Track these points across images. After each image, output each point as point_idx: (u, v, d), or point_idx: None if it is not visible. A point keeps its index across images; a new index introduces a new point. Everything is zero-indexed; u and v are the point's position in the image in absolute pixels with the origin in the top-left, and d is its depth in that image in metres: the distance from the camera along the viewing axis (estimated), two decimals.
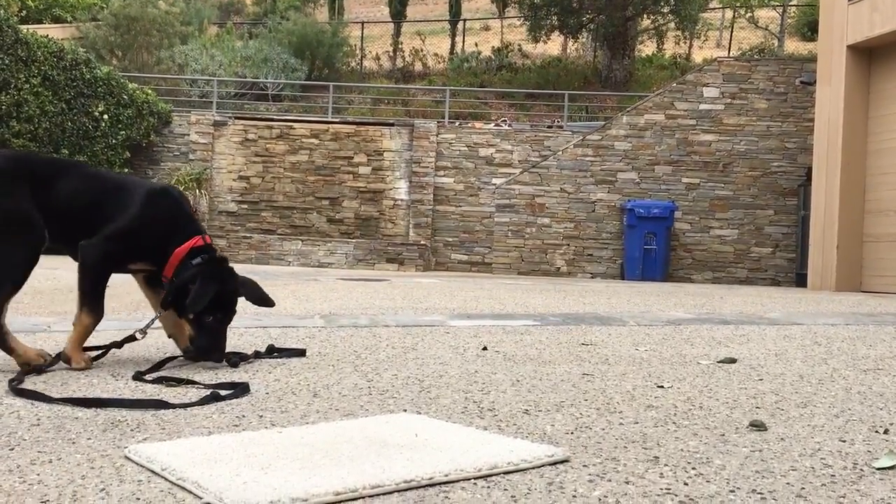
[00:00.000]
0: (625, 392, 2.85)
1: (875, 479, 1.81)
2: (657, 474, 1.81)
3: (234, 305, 3.29)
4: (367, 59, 28.34)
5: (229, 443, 1.93)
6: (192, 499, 1.55)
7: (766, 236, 15.54)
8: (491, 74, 25.66)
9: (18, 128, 13.42)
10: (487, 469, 1.77)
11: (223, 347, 3.23)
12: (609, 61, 24.19)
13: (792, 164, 15.42)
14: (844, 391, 2.98)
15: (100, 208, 3.19)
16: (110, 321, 4.60)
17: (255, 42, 24.84)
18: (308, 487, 1.57)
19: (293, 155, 17.96)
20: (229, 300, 3.25)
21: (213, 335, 3.18)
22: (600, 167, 15.77)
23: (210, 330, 3.16)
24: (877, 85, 12.22)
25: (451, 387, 2.87)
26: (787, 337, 4.84)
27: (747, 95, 15.51)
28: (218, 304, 3.16)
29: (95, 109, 15.79)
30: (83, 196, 3.20)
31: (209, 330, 3.16)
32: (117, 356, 3.38)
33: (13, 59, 13.45)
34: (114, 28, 22.98)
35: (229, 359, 3.24)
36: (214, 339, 3.19)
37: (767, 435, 2.23)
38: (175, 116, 18.15)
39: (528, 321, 5.36)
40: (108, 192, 3.26)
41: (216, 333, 3.19)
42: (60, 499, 1.54)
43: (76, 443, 1.97)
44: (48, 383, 2.77)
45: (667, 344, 4.34)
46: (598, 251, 15.74)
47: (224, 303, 3.21)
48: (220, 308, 3.18)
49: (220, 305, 3.17)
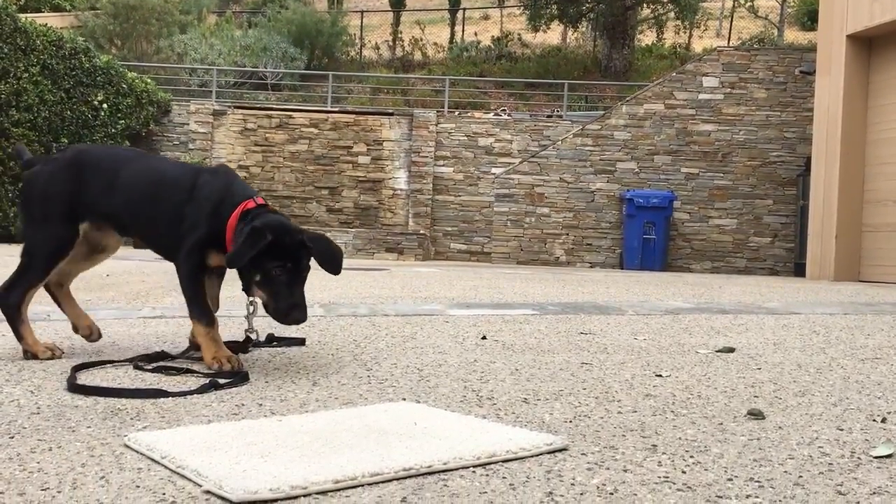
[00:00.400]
0: (623, 381, 2.86)
1: (872, 468, 1.82)
2: (655, 462, 1.82)
3: (303, 256, 2.83)
4: (367, 49, 28.28)
5: (229, 431, 1.93)
6: (191, 486, 1.55)
7: (764, 226, 15.54)
8: (490, 64, 25.62)
9: (18, 117, 13.40)
10: (486, 457, 1.78)
11: (302, 303, 2.81)
12: (609, 51, 24.15)
13: (791, 154, 15.41)
14: (842, 380, 2.99)
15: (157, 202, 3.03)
16: (109, 310, 4.61)
17: (255, 31, 24.78)
18: (307, 475, 1.58)
19: (292, 144, 17.94)
20: (293, 248, 2.80)
21: (285, 291, 2.78)
22: (599, 157, 15.76)
23: (280, 286, 2.77)
24: (876, 75, 12.21)
25: (450, 376, 2.88)
26: (786, 326, 4.85)
27: (747, 85, 15.49)
28: (278, 254, 2.75)
29: (95, 99, 15.77)
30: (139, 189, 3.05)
31: (279, 287, 2.77)
32: (118, 346, 3.39)
33: (12, 48, 13.43)
34: (113, 17, 22.93)
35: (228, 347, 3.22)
36: (289, 296, 2.78)
37: (765, 424, 2.24)
38: (174, 106, 18.13)
39: (527, 310, 5.37)
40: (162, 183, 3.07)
41: (289, 288, 2.78)
42: (60, 486, 1.54)
43: (76, 431, 1.97)
44: (47, 372, 2.77)
45: (665, 333, 4.35)
46: (597, 241, 15.74)
47: (286, 251, 2.78)
48: (282, 258, 2.76)
49: (281, 255, 2.76)
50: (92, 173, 3.09)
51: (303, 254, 2.84)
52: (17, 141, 13.36)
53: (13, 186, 13.52)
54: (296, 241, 2.81)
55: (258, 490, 1.49)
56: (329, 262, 2.92)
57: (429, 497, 1.53)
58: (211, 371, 2.82)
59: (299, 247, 2.82)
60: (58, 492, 1.51)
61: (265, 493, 1.48)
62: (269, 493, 1.48)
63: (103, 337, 3.38)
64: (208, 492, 1.52)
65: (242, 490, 1.48)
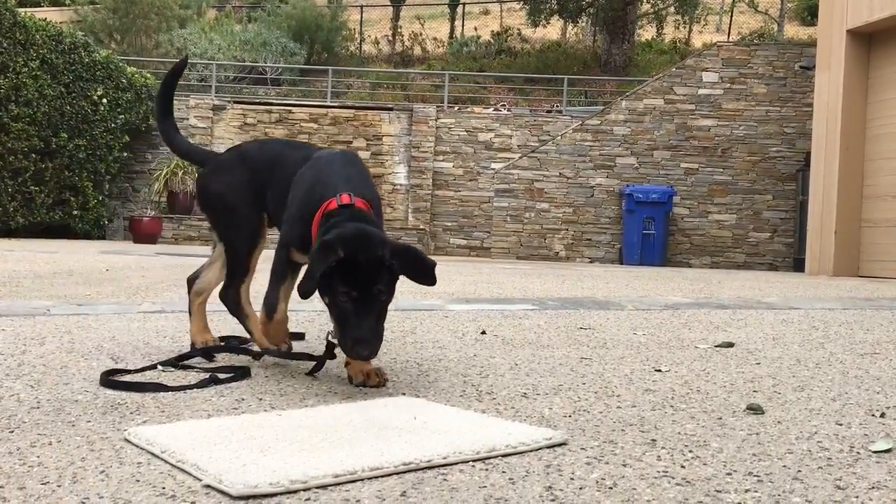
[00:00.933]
0: (623, 376, 2.86)
1: (871, 463, 1.82)
2: (654, 457, 1.82)
3: (379, 279, 2.40)
4: (366, 44, 28.27)
5: (229, 425, 1.94)
6: (191, 481, 1.56)
7: (764, 221, 15.55)
8: (490, 59, 25.61)
9: (17, 111, 13.39)
10: (486, 452, 1.78)
11: (370, 336, 2.35)
12: (608, 46, 24.14)
13: (790, 150, 15.41)
14: (841, 375, 2.99)
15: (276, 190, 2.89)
16: (109, 304, 4.61)
17: (254, 26, 24.79)
18: (307, 469, 1.58)
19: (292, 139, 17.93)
20: (368, 269, 2.37)
21: (352, 322, 2.35)
22: (599, 152, 15.76)
23: (347, 315, 2.36)
24: (876, 70, 12.20)
25: (449, 370, 2.88)
26: (785, 321, 4.85)
27: (746, 80, 15.49)
28: (348, 277, 2.36)
29: (94, 93, 15.76)
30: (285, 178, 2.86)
31: (346, 316, 2.36)
32: (117, 340, 3.39)
33: (11, 42, 13.41)
34: (112, 11, 22.92)
35: (229, 342, 3.22)
36: (355, 328, 2.34)
37: (764, 418, 2.24)
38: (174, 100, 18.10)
39: (527, 305, 5.37)
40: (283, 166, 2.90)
41: (357, 318, 2.35)
42: (60, 480, 1.54)
43: (76, 425, 1.97)
44: (48, 367, 2.77)
45: (665, 328, 4.35)
46: (596, 236, 15.75)
47: (358, 273, 2.36)
48: (351, 282, 2.35)
49: (351, 278, 2.36)
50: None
51: (380, 276, 2.39)
52: (16, 136, 13.34)
53: (13, 181, 13.51)
54: (373, 258, 2.38)
55: (258, 484, 1.49)
56: (419, 273, 2.50)
57: (428, 491, 1.53)
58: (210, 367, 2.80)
59: (376, 266, 2.39)
60: (58, 486, 1.51)
61: (265, 488, 1.48)
62: (268, 488, 1.49)
63: (103, 332, 3.38)
64: (208, 486, 1.52)
65: (242, 484, 1.49)
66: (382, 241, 2.43)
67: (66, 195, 15.18)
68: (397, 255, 2.42)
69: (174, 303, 4.82)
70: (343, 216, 2.50)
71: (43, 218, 14.58)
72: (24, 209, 13.98)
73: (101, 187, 16.15)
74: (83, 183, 15.47)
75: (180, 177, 16.69)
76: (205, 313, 3.14)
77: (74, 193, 15.36)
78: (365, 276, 2.37)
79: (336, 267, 2.35)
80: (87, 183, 15.56)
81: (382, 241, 2.43)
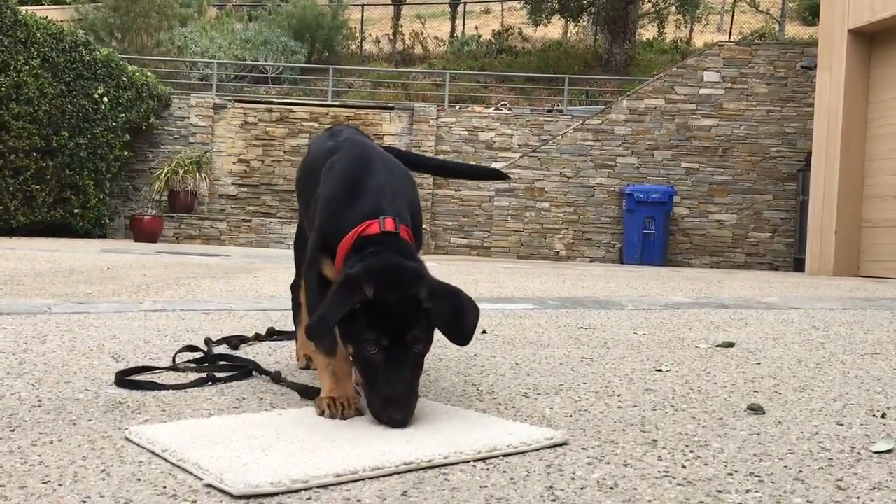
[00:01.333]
0: (623, 376, 2.86)
1: (872, 463, 1.82)
2: (655, 457, 1.82)
3: (415, 324, 1.99)
4: (367, 43, 28.27)
5: (230, 424, 1.94)
6: (192, 480, 1.56)
7: (764, 221, 15.55)
8: (491, 58, 25.61)
9: (18, 110, 13.38)
10: (486, 451, 1.78)
11: (404, 396, 1.95)
12: (609, 45, 24.13)
13: (791, 149, 15.41)
14: (842, 375, 2.99)
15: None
16: (110, 303, 4.61)
17: (255, 25, 24.79)
18: (308, 469, 1.58)
19: (293, 138, 17.93)
20: (400, 313, 1.98)
21: (381, 376, 1.96)
22: (600, 151, 15.76)
23: (376, 368, 1.97)
24: (877, 70, 12.20)
25: (450, 370, 2.88)
26: (785, 321, 4.85)
27: (747, 80, 15.48)
28: (376, 321, 1.97)
29: (95, 92, 15.76)
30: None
31: (374, 369, 1.97)
32: (118, 338, 3.39)
33: (12, 40, 13.41)
34: (113, 10, 22.92)
35: (230, 342, 3.23)
36: (386, 383, 1.95)
37: (765, 419, 2.24)
38: (175, 99, 18.12)
39: (528, 305, 5.37)
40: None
41: (388, 372, 1.95)
42: (62, 479, 1.54)
43: (77, 424, 1.98)
44: (48, 365, 2.77)
45: (665, 328, 4.35)
46: (597, 235, 15.74)
47: (388, 317, 1.97)
48: (380, 327, 1.96)
49: (380, 322, 1.97)
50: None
51: (416, 320, 1.99)
52: (17, 134, 13.35)
53: (13, 180, 13.51)
54: (406, 299, 1.99)
55: (259, 483, 1.49)
56: (454, 327, 2.03)
57: (429, 491, 1.53)
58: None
59: (411, 309, 1.99)
60: (59, 485, 1.51)
61: (266, 487, 1.48)
62: (269, 487, 1.49)
63: (104, 330, 3.38)
64: (209, 485, 1.52)
65: (243, 483, 1.49)
66: (419, 277, 2.03)
67: (67, 194, 15.18)
68: (437, 297, 2.03)
69: (175, 301, 4.82)
70: (382, 247, 2.09)
71: (44, 216, 14.58)
72: (24, 208, 13.97)
73: (102, 186, 16.14)
74: (84, 181, 15.47)
75: (181, 175, 16.69)
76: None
77: (75, 192, 15.36)
78: (398, 321, 1.97)
79: (362, 309, 1.96)
80: (87, 181, 15.56)
81: (419, 276, 2.04)
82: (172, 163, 16.89)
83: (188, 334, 3.53)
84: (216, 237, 16.66)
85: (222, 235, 16.67)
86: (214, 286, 6.06)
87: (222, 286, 6.11)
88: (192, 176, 16.81)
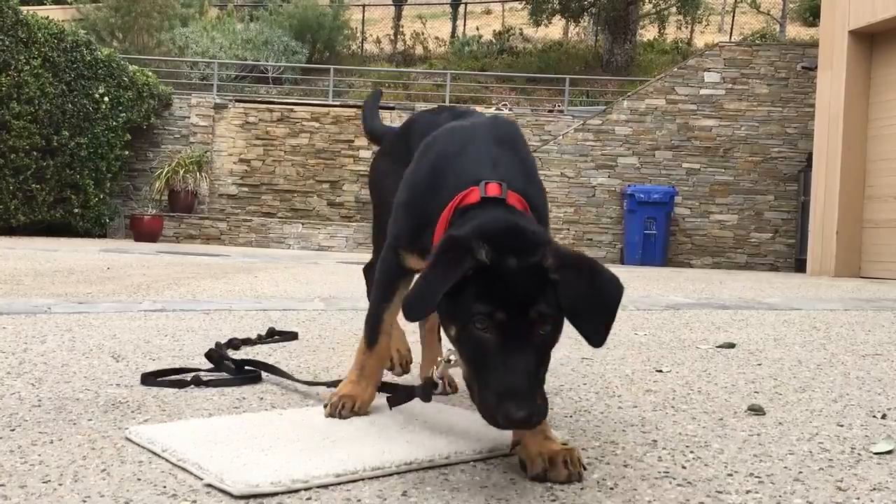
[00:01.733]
0: (624, 376, 2.86)
1: (872, 464, 1.82)
2: (655, 458, 1.82)
3: (540, 297, 1.55)
4: (368, 43, 28.28)
5: (230, 425, 1.93)
6: (192, 480, 1.56)
7: (765, 222, 15.54)
8: (492, 58, 25.62)
9: (19, 109, 13.38)
10: (487, 451, 1.78)
11: (524, 386, 1.49)
12: (610, 46, 24.13)
13: (792, 150, 15.40)
14: (843, 376, 2.99)
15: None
16: (110, 303, 4.61)
17: (256, 25, 24.79)
18: (308, 469, 1.58)
19: (294, 138, 17.94)
20: (524, 283, 1.56)
21: (495, 363, 1.51)
22: (601, 152, 15.75)
23: (488, 353, 1.53)
24: (878, 70, 12.20)
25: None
26: (786, 322, 4.85)
27: (748, 80, 15.48)
28: (488, 293, 1.55)
29: (96, 91, 15.76)
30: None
31: (486, 353, 1.53)
32: (118, 338, 3.38)
33: (13, 40, 13.41)
34: (114, 10, 22.93)
35: (232, 342, 3.20)
36: (501, 373, 1.50)
37: (765, 419, 2.24)
38: (175, 99, 18.11)
39: None
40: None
41: (504, 357, 1.51)
42: (62, 479, 1.54)
43: (77, 424, 1.97)
44: (48, 365, 2.77)
45: (666, 328, 4.35)
46: (597, 236, 15.74)
47: (505, 287, 1.55)
48: (495, 300, 1.54)
49: (494, 294, 1.54)
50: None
51: (540, 293, 1.56)
52: (18, 133, 13.35)
53: (14, 179, 13.51)
54: (530, 266, 1.57)
55: (259, 483, 1.49)
56: (589, 312, 1.62)
57: (430, 491, 1.53)
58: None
59: (535, 279, 1.57)
60: (59, 484, 1.51)
61: (266, 487, 1.48)
62: (270, 487, 1.49)
63: (104, 330, 3.38)
64: (209, 485, 1.52)
65: (244, 483, 1.48)
66: (544, 241, 1.62)
67: (68, 193, 15.18)
68: (568, 268, 1.59)
69: (175, 301, 4.82)
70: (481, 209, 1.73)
71: (44, 216, 14.58)
72: (25, 207, 13.97)
73: (103, 185, 16.14)
74: (84, 181, 15.47)
75: (181, 175, 16.69)
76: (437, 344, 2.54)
77: (76, 191, 15.36)
78: (518, 292, 1.55)
79: (472, 278, 1.56)
80: (88, 181, 15.56)
81: (544, 239, 1.63)
82: (173, 162, 16.89)
83: (188, 334, 3.53)
84: (216, 237, 16.66)
85: (222, 235, 16.67)
86: (214, 286, 6.06)
87: (222, 286, 6.10)
88: (193, 176, 16.81)
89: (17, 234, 14.02)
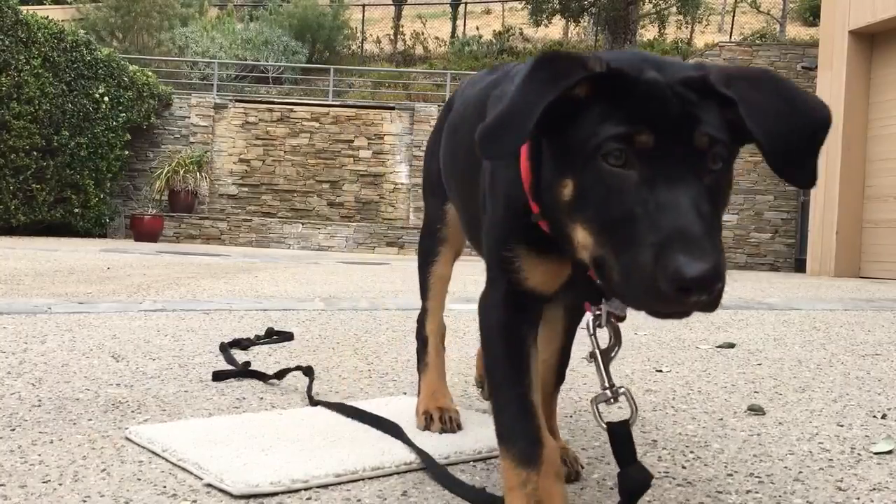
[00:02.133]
0: (624, 376, 2.86)
1: (872, 464, 1.82)
2: (655, 458, 1.82)
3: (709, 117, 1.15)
4: (368, 43, 28.26)
5: (230, 424, 1.93)
6: (192, 479, 1.56)
7: (765, 222, 15.53)
8: (492, 58, 25.60)
9: (19, 109, 13.38)
10: (487, 451, 1.78)
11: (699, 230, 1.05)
12: (610, 46, 24.10)
13: None
14: (843, 376, 2.99)
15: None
16: (110, 303, 4.61)
17: (256, 24, 24.78)
18: (308, 469, 1.58)
19: (294, 138, 17.94)
20: (678, 98, 1.13)
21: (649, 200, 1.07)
22: None
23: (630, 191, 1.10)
24: (878, 71, 12.20)
25: (450, 370, 2.87)
26: (786, 322, 4.85)
27: None
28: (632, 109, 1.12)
29: (96, 91, 15.76)
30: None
31: (628, 196, 1.09)
32: (118, 338, 3.38)
33: (13, 40, 13.41)
34: (114, 10, 22.93)
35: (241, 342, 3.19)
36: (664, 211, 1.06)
37: (765, 419, 2.24)
38: (175, 99, 18.11)
39: None
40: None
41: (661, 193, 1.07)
42: (62, 479, 1.54)
43: (77, 424, 1.97)
44: (49, 365, 2.77)
45: (666, 328, 4.35)
46: None
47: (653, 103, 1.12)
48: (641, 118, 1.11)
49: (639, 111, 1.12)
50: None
51: (705, 110, 1.14)
52: (18, 133, 13.35)
53: (14, 179, 13.51)
54: (687, 79, 1.15)
55: (259, 483, 1.49)
56: (790, 138, 1.24)
57: (430, 491, 1.53)
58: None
59: (695, 92, 1.15)
60: (59, 484, 1.51)
61: (266, 487, 1.48)
62: (269, 487, 1.49)
63: (104, 330, 3.37)
64: (209, 485, 1.52)
65: (243, 483, 1.48)
66: (697, 64, 1.22)
67: (68, 193, 15.18)
68: (744, 81, 1.17)
69: (175, 301, 4.82)
70: None
71: (44, 216, 14.58)
72: (25, 207, 13.97)
73: (103, 185, 16.14)
74: (84, 181, 15.47)
75: (182, 175, 16.69)
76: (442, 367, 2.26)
77: (76, 191, 15.36)
78: (672, 108, 1.11)
79: (588, 101, 1.13)
80: (88, 181, 15.56)
81: (695, 64, 1.23)
82: (173, 162, 16.89)
83: (188, 334, 3.53)
84: (216, 237, 16.66)
85: (223, 235, 16.67)
86: (214, 286, 6.06)
87: (222, 286, 6.10)
88: (193, 176, 16.81)
89: (18, 233, 14.02)
